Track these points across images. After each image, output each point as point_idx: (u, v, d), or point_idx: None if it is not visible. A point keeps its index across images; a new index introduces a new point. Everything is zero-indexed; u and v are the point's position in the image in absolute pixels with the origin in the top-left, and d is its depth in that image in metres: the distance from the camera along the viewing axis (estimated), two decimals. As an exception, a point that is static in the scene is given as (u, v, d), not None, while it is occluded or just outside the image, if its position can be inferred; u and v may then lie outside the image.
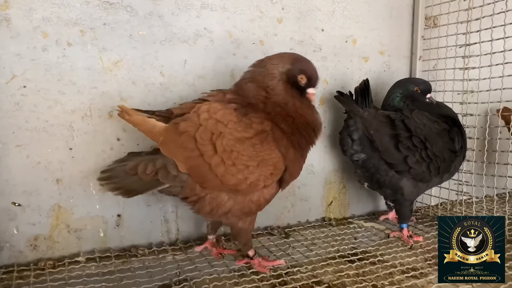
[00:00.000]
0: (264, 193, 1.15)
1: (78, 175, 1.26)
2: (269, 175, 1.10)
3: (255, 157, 1.07)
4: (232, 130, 1.06)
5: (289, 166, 1.14)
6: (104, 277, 1.14)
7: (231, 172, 1.07)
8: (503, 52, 1.45)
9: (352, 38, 1.64)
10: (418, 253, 1.36)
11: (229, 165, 1.06)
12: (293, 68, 1.13)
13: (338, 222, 1.66)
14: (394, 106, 1.51)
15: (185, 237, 1.43)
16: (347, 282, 1.15)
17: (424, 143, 1.38)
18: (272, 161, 1.10)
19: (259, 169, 1.08)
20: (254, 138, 1.07)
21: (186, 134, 1.06)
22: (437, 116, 1.47)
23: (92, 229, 1.30)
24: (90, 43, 1.23)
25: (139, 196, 1.31)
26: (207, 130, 1.05)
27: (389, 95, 1.54)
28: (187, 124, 1.06)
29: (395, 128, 1.39)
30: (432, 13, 1.72)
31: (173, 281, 1.14)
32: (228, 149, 1.05)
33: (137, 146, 1.32)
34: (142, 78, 1.31)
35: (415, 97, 1.51)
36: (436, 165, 1.40)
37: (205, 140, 1.05)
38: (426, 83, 1.54)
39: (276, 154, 1.10)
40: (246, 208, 1.15)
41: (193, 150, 1.06)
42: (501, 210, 1.66)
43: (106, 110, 1.27)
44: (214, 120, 1.06)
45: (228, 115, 1.07)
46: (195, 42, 1.36)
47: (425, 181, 1.44)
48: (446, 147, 1.43)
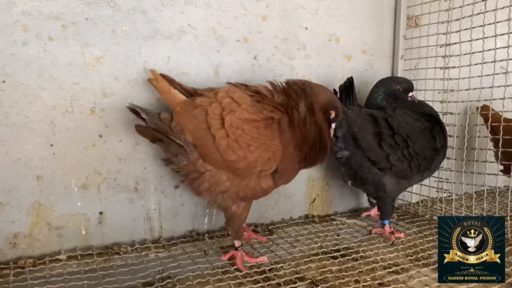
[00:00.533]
0: (260, 181, 1.19)
1: (59, 172, 1.24)
2: (267, 159, 1.15)
3: (257, 139, 1.14)
4: (243, 111, 1.14)
5: (284, 161, 1.17)
6: (86, 275, 1.13)
7: (232, 148, 1.13)
8: (482, 52, 1.48)
9: (336, 36, 1.66)
10: (400, 249, 1.38)
11: (232, 140, 1.13)
12: (328, 103, 1.21)
13: (321, 219, 1.68)
14: (377, 104, 1.53)
15: (168, 235, 1.42)
16: (330, 278, 1.16)
17: (406, 141, 1.40)
18: (273, 148, 1.15)
19: (258, 151, 1.14)
20: (261, 122, 1.15)
21: (200, 107, 1.15)
22: (419, 114, 1.49)
23: (73, 226, 1.28)
24: (71, 38, 1.21)
25: (121, 194, 1.32)
26: (220, 107, 1.14)
27: (372, 93, 1.56)
28: (203, 99, 1.16)
29: (378, 126, 1.41)
30: (414, 13, 1.75)
31: (156, 278, 1.14)
32: (235, 125, 1.13)
33: (119, 143, 1.31)
34: (125, 74, 1.29)
35: (397, 96, 1.53)
36: (417, 163, 1.42)
37: (216, 115, 1.14)
38: (408, 82, 1.56)
39: (277, 142, 1.16)
40: (241, 192, 1.19)
41: (202, 123, 1.14)
42: (479, 207, 1.69)
43: (88, 106, 1.26)
44: (229, 99, 1.15)
45: (244, 98, 1.16)
46: (179, 38, 1.35)
47: (406, 178, 1.46)
48: (427, 145, 1.45)
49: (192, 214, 1.45)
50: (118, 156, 1.31)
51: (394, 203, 1.53)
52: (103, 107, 1.27)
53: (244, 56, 1.47)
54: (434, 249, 1.37)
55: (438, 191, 1.74)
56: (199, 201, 1.45)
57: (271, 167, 1.17)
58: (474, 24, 1.50)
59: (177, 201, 1.42)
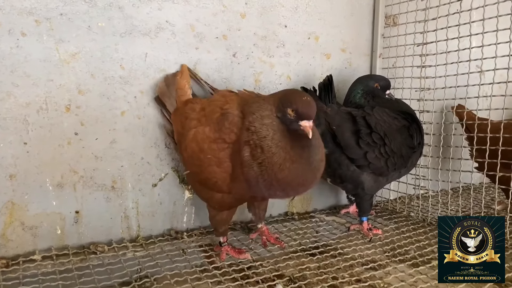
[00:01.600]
0: (223, 196, 1.15)
1: (33, 171, 1.22)
2: (214, 182, 1.11)
3: (209, 160, 1.09)
4: (206, 128, 1.12)
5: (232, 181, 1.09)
6: (61, 275, 1.11)
7: (188, 162, 1.19)
8: (458, 51, 1.51)
9: (315, 35, 1.66)
10: (377, 246, 1.40)
11: (188, 155, 1.16)
12: (281, 102, 1.03)
13: (301, 217, 1.68)
14: (356, 102, 1.54)
15: (147, 234, 1.41)
16: (308, 275, 1.17)
17: (383, 139, 1.41)
18: (222, 170, 1.08)
19: (207, 171, 1.10)
20: (215, 144, 1.09)
21: (186, 114, 1.20)
22: (397, 112, 1.51)
23: (48, 226, 1.26)
24: (46, 33, 1.18)
25: (98, 192, 1.30)
26: (194, 119, 1.16)
27: (350, 91, 1.57)
28: (192, 106, 1.21)
29: (356, 124, 1.42)
30: (391, 12, 1.77)
31: (134, 278, 1.13)
32: (193, 141, 1.13)
33: (96, 141, 1.28)
34: (101, 71, 1.27)
35: (375, 93, 1.54)
36: (393, 161, 1.44)
37: (188, 126, 1.17)
38: (385, 80, 1.58)
39: (227, 165, 1.07)
40: (210, 202, 1.22)
41: (182, 128, 1.20)
42: (455, 204, 1.72)
43: (63, 104, 1.23)
44: (203, 112, 1.16)
45: (214, 113, 1.13)
46: (156, 35, 1.33)
47: (384, 175, 1.47)
48: (404, 143, 1.47)
49: (170, 212, 1.44)
50: (94, 154, 1.29)
51: (372, 200, 1.55)
52: (79, 104, 1.25)
53: (223, 54, 1.46)
54: (410, 245, 1.39)
55: (415, 188, 1.77)
56: (177, 199, 1.44)
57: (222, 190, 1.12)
58: (450, 24, 1.53)
59: (155, 200, 1.40)
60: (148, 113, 1.35)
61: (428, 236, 1.47)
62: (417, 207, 1.73)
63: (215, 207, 1.22)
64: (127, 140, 1.33)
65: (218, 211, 1.22)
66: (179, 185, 1.42)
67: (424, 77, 1.65)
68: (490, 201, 1.87)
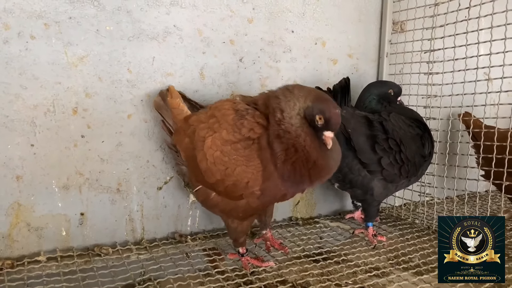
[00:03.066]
0: (249, 201, 1.12)
1: (39, 172, 1.23)
2: (246, 183, 1.08)
3: (234, 161, 1.07)
4: (223, 131, 1.09)
5: (265, 181, 1.08)
6: (65, 277, 1.11)
7: (211, 170, 1.10)
8: (465, 58, 1.50)
9: (322, 40, 1.66)
10: (381, 253, 1.39)
11: (210, 162, 1.10)
12: (312, 106, 1.05)
13: (305, 222, 1.68)
14: (372, 108, 1.52)
15: (151, 237, 1.41)
16: (311, 282, 1.17)
17: (399, 146, 1.40)
18: (251, 169, 1.07)
19: (235, 174, 1.07)
20: (239, 143, 1.07)
21: (192, 127, 1.16)
22: (411, 120, 1.50)
23: (53, 227, 1.27)
24: (54, 37, 1.20)
25: (103, 195, 1.31)
26: (205, 128, 1.12)
27: (363, 97, 1.55)
28: (196, 118, 1.17)
29: (372, 129, 1.40)
30: (399, 18, 1.76)
31: (137, 281, 1.13)
32: (214, 147, 1.09)
33: (102, 144, 1.29)
34: (109, 74, 1.28)
35: (390, 99, 1.53)
36: (406, 169, 1.42)
37: (200, 136, 1.12)
38: (398, 86, 1.57)
39: (257, 162, 1.06)
40: (233, 212, 1.17)
41: (191, 142, 1.15)
42: (460, 211, 1.71)
43: (70, 106, 1.24)
44: (214, 119, 1.12)
45: (226, 116, 1.10)
46: (164, 39, 1.34)
47: (394, 182, 1.46)
48: (417, 151, 1.45)
49: (175, 216, 1.44)
50: (100, 156, 1.30)
51: (379, 206, 1.54)
52: (86, 107, 1.26)
53: (229, 58, 1.46)
54: (415, 253, 1.39)
55: (420, 195, 1.76)
56: (182, 203, 1.45)
57: (253, 192, 1.09)
58: (458, 31, 1.52)
59: (160, 203, 1.41)
60: (154, 117, 1.35)
61: (433, 244, 1.46)
62: (422, 214, 1.72)
63: (238, 217, 1.18)
64: (133, 143, 1.34)
65: (240, 222, 1.20)
66: (183, 188, 1.42)
67: (431, 84, 1.64)
68: (496, 210, 1.86)
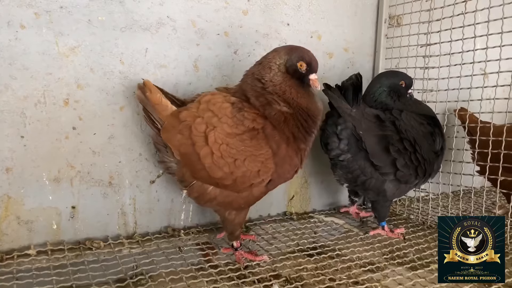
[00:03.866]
0: (252, 191, 1.16)
1: (30, 164, 1.20)
2: (256, 172, 1.11)
3: (243, 151, 1.09)
4: (224, 125, 1.10)
5: (278, 166, 1.13)
6: (55, 270, 1.10)
7: (218, 165, 1.10)
8: (461, 53, 1.49)
9: (317, 33, 1.65)
10: (376, 248, 1.38)
11: (217, 156, 1.09)
12: (290, 57, 1.14)
13: (299, 217, 1.67)
14: (382, 101, 1.47)
15: (143, 231, 1.40)
16: (305, 276, 1.16)
17: (413, 146, 1.37)
18: (261, 158, 1.10)
19: (245, 165, 1.10)
20: (245, 135, 1.10)
21: (185, 123, 1.11)
22: (422, 117, 1.47)
23: (44, 221, 1.25)
24: (45, 26, 1.17)
25: (95, 188, 1.29)
26: (203, 123, 1.10)
27: (373, 88, 1.49)
28: (187, 114, 1.12)
29: (384, 129, 1.37)
30: (395, 12, 1.75)
31: (128, 275, 1.11)
32: (219, 141, 1.09)
33: (94, 136, 1.27)
34: (101, 65, 1.26)
35: (401, 92, 1.48)
36: (423, 168, 1.40)
37: (199, 131, 1.10)
38: (410, 78, 1.52)
39: (266, 150, 1.11)
40: (234, 203, 1.17)
41: (187, 138, 1.11)
42: (455, 207, 1.71)
43: (62, 98, 1.22)
44: (210, 113, 1.11)
45: (224, 109, 1.11)
46: (157, 30, 1.32)
47: (409, 183, 1.44)
48: (430, 149, 1.43)
49: (168, 209, 1.43)
50: (92, 149, 1.28)
51: (390, 204, 1.52)
52: (77, 99, 1.24)
53: (224, 50, 1.45)
54: (409, 248, 1.38)
55: (415, 191, 1.75)
56: (175, 196, 1.43)
57: (263, 180, 1.13)
58: (454, 25, 1.51)
59: (152, 197, 1.39)
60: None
61: (428, 239, 1.46)
62: (417, 210, 1.72)
63: (239, 208, 1.19)
64: (125, 136, 1.32)
65: (238, 213, 1.21)
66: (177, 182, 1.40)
67: (427, 78, 1.63)
68: (491, 205, 1.86)
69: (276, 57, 1.15)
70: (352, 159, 1.40)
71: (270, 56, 1.16)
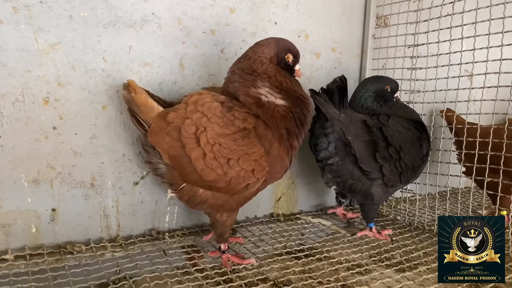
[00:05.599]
0: (244, 192, 1.15)
1: (7, 166, 1.16)
2: (251, 171, 1.09)
3: (236, 151, 1.07)
4: (214, 125, 1.07)
5: (270, 166, 1.12)
6: (34, 276, 1.05)
7: (210, 166, 1.07)
8: (449, 54, 1.49)
9: (305, 33, 1.63)
10: (363, 250, 1.37)
11: (210, 158, 1.07)
12: (279, 50, 1.17)
13: (286, 218, 1.65)
14: (368, 106, 1.47)
15: (127, 233, 1.36)
16: (293, 279, 1.14)
17: (399, 153, 1.37)
18: (254, 156, 1.09)
19: (240, 164, 1.08)
20: (236, 134, 1.08)
21: (173, 124, 1.07)
22: (410, 122, 1.46)
23: (22, 224, 1.20)
24: (24, 22, 1.13)
25: (76, 190, 1.25)
26: (192, 124, 1.07)
27: (359, 93, 1.50)
28: (175, 115, 1.08)
29: (372, 135, 1.37)
30: (383, 12, 1.74)
31: (111, 279, 1.08)
32: (211, 141, 1.07)
33: (75, 136, 1.23)
34: (83, 63, 1.22)
35: (386, 97, 1.48)
36: (406, 175, 1.41)
37: (189, 134, 1.07)
38: (395, 82, 1.53)
39: (258, 148, 1.09)
40: (226, 205, 1.15)
41: (176, 141, 1.07)
42: (442, 208, 1.71)
43: (41, 96, 1.17)
44: (199, 114, 1.08)
45: (213, 109, 1.08)
46: (141, 27, 1.28)
47: (394, 186, 1.44)
48: (417, 155, 1.43)
49: (152, 212, 1.39)
50: (73, 149, 1.24)
51: (378, 206, 1.52)
52: (58, 97, 1.20)
53: (210, 49, 1.42)
54: (397, 249, 1.37)
55: (402, 191, 1.75)
56: (159, 198, 1.40)
57: (258, 179, 1.12)
58: (442, 26, 1.51)
59: (136, 199, 1.35)
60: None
61: (415, 240, 1.45)
62: (404, 211, 1.72)
63: (231, 209, 1.18)
64: (108, 136, 1.28)
65: (230, 214, 1.19)
66: (161, 184, 1.37)
67: (414, 79, 1.63)
68: (477, 206, 1.86)
69: (266, 51, 1.16)
70: (341, 163, 1.39)
71: (259, 50, 1.16)
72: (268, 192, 1.64)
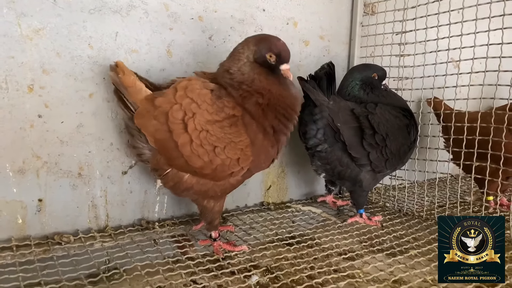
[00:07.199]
0: (230, 179, 1.14)
1: (-9, 155, 1.13)
2: (236, 160, 1.09)
3: (223, 139, 1.06)
4: (203, 112, 1.06)
5: (254, 155, 1.11)
6: (21, 267, 1.03)
7: (197, 153, 1.06)
8: (436, 40, 1.50)
9: (293, 20, 1.62)
10: (354, 236, 1.37)
11: (196, 145, 1.06)
12: (259, 48, 1.11)
13: (277, 207, 1.65)
14: (355, 95, 1.47)
15: (116, 224, 1.34)
16: (285, 265, 1.13)
17: (385, 140, 1.38)
18: (240, 145, 1.08)
19: (225, 152, 1.07)
20: (224, 122, 1.07)
21: (160, 109, 1.06)
22: (398, 110, 1.47)
23: (8, 215, 1.17)
24: (6, 6, 1.09)
25: (63, 179, 1.22)
26: (181, 110, 1.05)
27: (346, 81, 1.50)
28: (164, 99, 1.07)
29: (360, 123, 1.37)
30: (371, 0, 1.74)
31: (102, 269, 1.06)
32: (199, 128, 1.05)
33: (61, 124, 1.20)
34: (68, 49, 1.19)
35: (373, 84, 1.49)
36: (391, 162, 1.42)
37: (177, 119, 1.05)
38: (383, 70, 1.53)
39: (245, 138, 1.08)
40: (210, 191, 1.14)
41: (163, 125, 1.06)
42: (431, 194, 1.72)
43: (25, 83, 1.14)
44: (189, 100, 1.06)
45: (203, 96, 1.07)
46: (128, 13, 1.26)
47: (382, 172, 1.45)
48: (404, 143, 1.44)
49: (141, 201, 1.37)
50: (59, 138, 1.21)
51: (367, 193, 1.53)
52: (43, 85, 1.17)
53: (198, 36, 1.40)
54: (387, 235, 1.38)
55: (391, 178, 1.75)
56: (149, 188, 1.38)
57: (242, 168, 1.11)
58: (430, 12, 1.51)
59: (125, 188, 1.33)
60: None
61: (404, 226, 1.46)
62: (393, 198, 1.72)
63: (216, 196, 1.17)
64: (95, 124, 1.25)
65: (216, 201, 1.19)
66: (150, 173, 1.35)
67: (402, 66, 1.63)
68: (464, 192, 1.88)
69: (245, 48, 1.12)
70: (330, 150, 1.39)
71: (240, 48, 1.14)
72: (258, 181, 1.63)
